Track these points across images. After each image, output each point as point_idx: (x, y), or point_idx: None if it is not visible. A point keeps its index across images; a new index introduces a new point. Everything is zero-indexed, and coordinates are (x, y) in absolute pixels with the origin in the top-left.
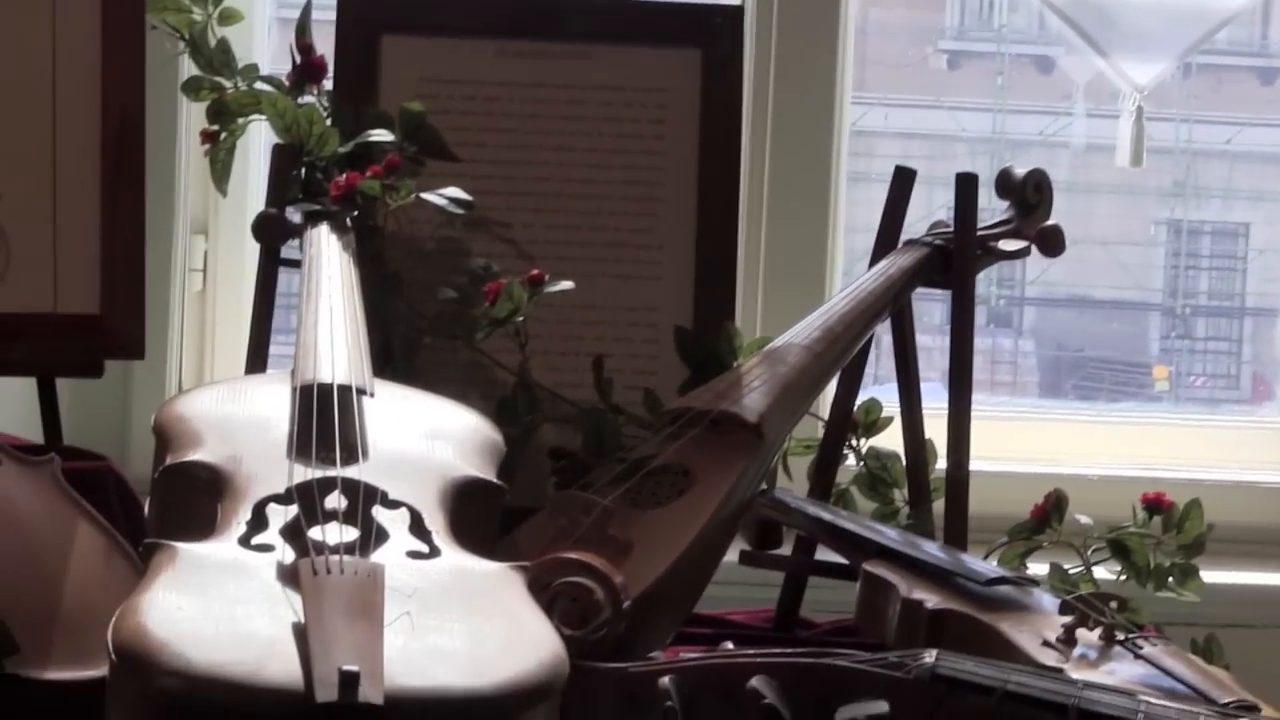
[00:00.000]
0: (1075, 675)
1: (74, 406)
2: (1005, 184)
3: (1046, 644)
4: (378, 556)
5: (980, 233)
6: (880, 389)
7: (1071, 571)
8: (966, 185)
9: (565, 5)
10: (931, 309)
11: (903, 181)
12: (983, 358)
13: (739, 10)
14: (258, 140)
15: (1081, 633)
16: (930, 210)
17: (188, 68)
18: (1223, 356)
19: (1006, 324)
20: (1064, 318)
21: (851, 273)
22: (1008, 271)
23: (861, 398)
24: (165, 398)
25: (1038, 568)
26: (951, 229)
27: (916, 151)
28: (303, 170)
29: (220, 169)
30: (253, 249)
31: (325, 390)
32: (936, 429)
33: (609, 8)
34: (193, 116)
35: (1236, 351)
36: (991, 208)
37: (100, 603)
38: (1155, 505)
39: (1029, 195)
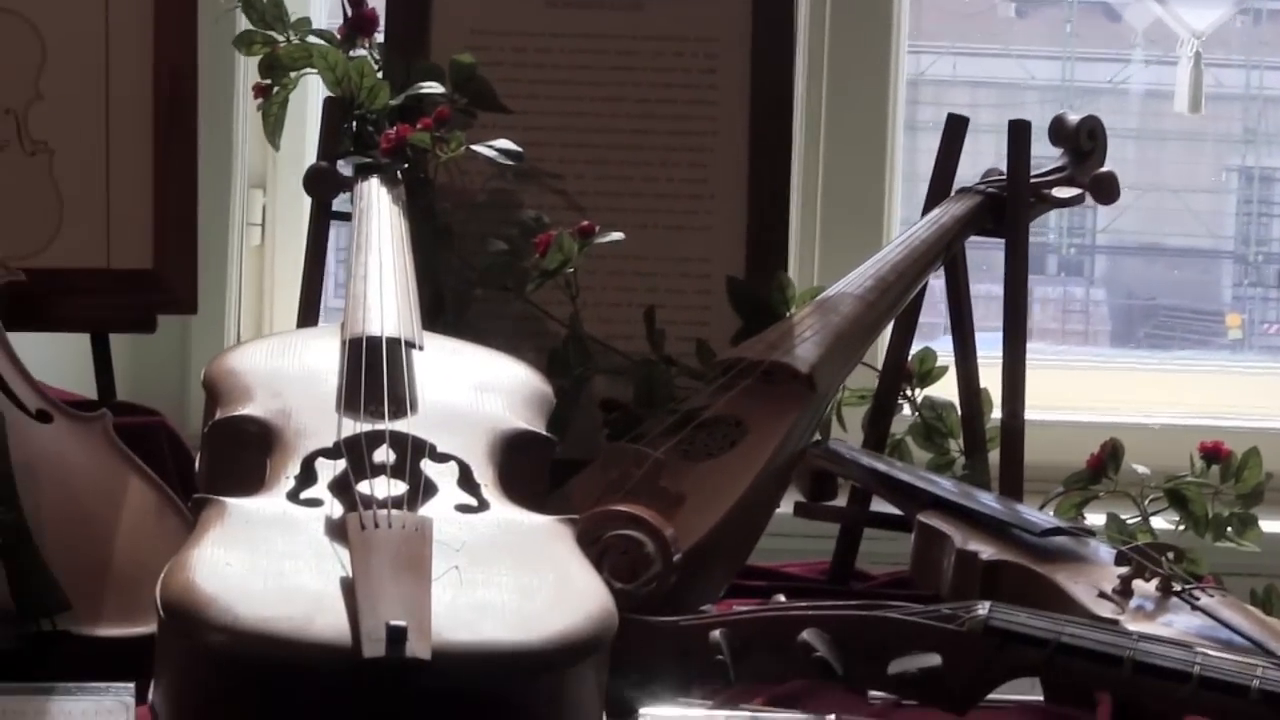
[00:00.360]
0: (1131, 627)
1: (133, 362)
2: (1059, 131)
3: (1102, 595)
4: (426, 510)
5: (1034, 180)
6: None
7: (1129, 522)
8: (1019, 132)
9: None
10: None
11: (955, 129)
12: (1054, 307)
13: None
14: (315, 94)
15: (1138, 584)
16: (999, 159)
17: (242, 22)
18: None
19: (1078, 273)
20: (1135, 266)
21: (914, 221)
22: (1078, 220)
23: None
24: None
25: (1094, 518)
26: (1005, 176)
27: (985, 100)
28: (354, 123)
29: (272, 123)
30: (310, 203)
31: (374, 343)
32: (994, 378)
33: None
34: (250, 71)
35: None
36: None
37: (151, 558)
38: (1213, 454)
39: (1082, 142)
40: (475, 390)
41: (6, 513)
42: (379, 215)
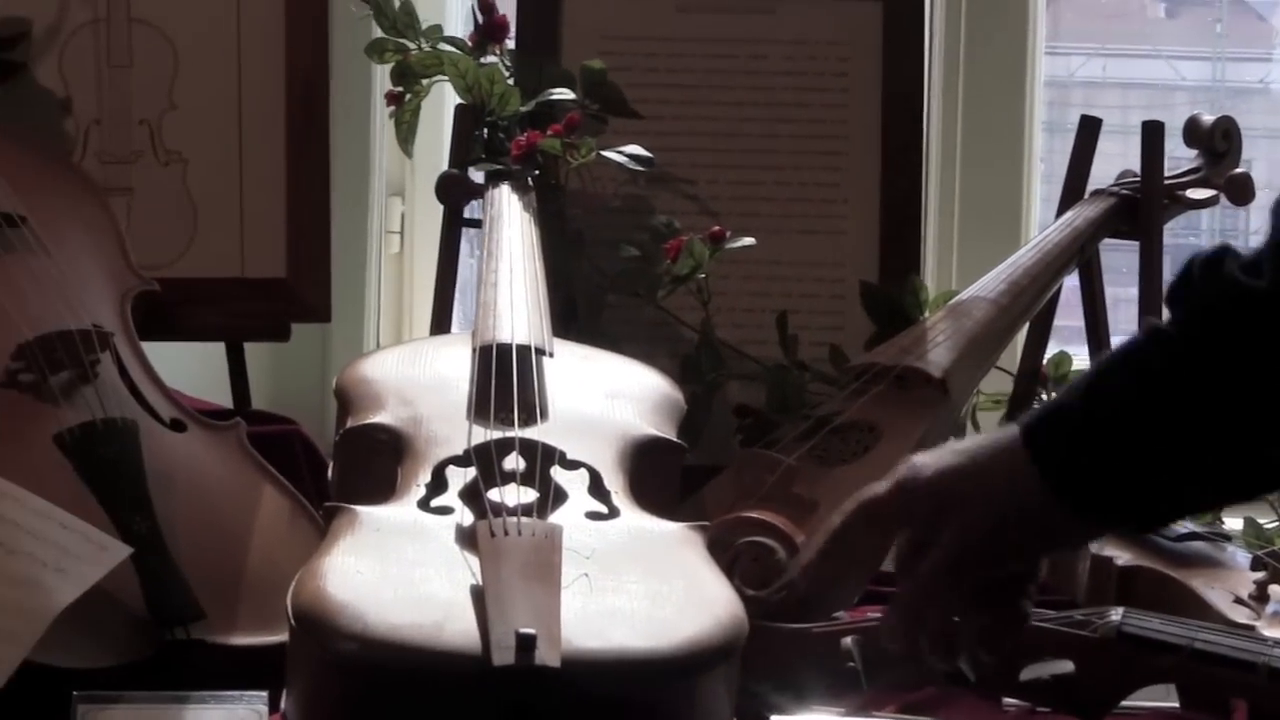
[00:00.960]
0: (1267, 633)
1: (273, 370)
2: (1193, 132)
3: (1238, 601)
4: (556, 517)
5: (1168, 181)
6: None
7: (1266, 526)
8: (1152, 134)
9: None
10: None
11: (1089, 130)
12: None
13: None
14: (450, 101)
15: (1275, 589)
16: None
17: (375, 30)
18: None
19: None
20: None
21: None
22: (1230, 222)
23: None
24: None
25: (1231, 523)
26: (1139, 178)
27: (1135, 101)
28: (485, 130)
29: (405, 130)
30: (443, 210)
31: (505, 351)
32: None
33: None
34: (387, 80)
35: None
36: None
37: (284, 567)
38: None
39: (1217, 143)
40: (606, 397)
41: (141, 522)
42: (510, 222)
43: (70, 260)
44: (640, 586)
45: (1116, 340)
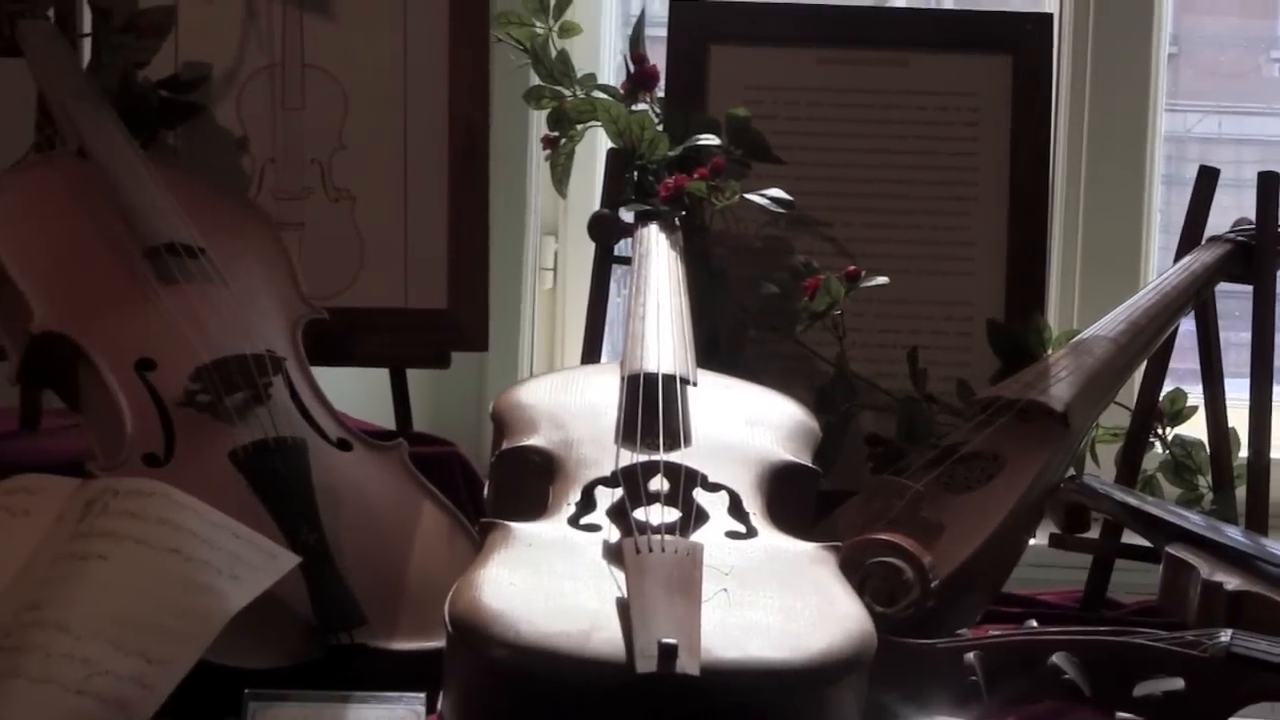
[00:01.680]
0: None
1: (433, 395)
2: None
3: None
4: (697, 536)
5: None
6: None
7: None
8: (1268, 183)
9: (883, 15)
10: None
11: (1206, 180)
12: None
13: (1048, 17)
14: (601, 145)
15: None
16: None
17: (533, 78)
18: None
19: None
20: None
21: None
22: None
23: (1168, 388)
24: None
25: None
26: (1254, 226)
27: (1248, 157)
28: (635, 173)
29: (560, 172)
30: (595, 248)
31: (651, 380)
32: (1240, 419)
33: (925, 16)
34: (543, 125)
35: None
36: None
37: (442, 579)
38: None
39: None
40: (746, 424)
41: (309, 533)
42: (658, 259)
43: (246, 289)
44: (776, 601)
45: (1231, 383)
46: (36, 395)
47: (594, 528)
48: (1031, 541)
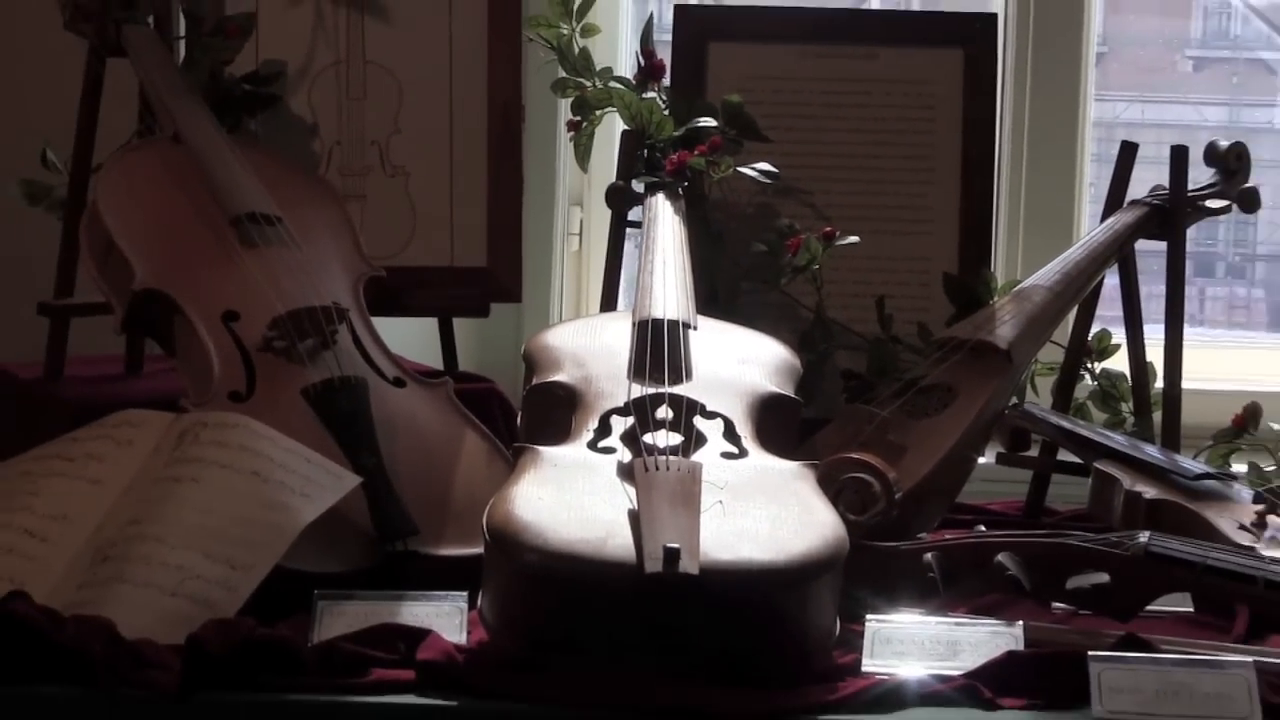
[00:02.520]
0: (1265, 553)
1: (478, 340)
2: (1211, 154)
3: (1242, 528)
4: (697, 457)
5: (1190, 194)
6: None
7: (1266, 469)
8: (1179, 155)
9: (856, 16)
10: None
11: (1127, 153)
12: (1221, 304)
13: (994, 17)
14: (616, 127)
15: (1271, 518)
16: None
17: (559, 70)
18: None
19: (1241, 276)
20: None
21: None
22: (1242, 233)
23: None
24: None
25: (1238, 466)
26: (1167, 191)
27: (1167, 139)
28: (645, 151)
29: (582, 151)
30: (611, 215)
31: (658, 324)
32: (1156, 355)
33: (891, 17)
34: (568, 111)
35: None
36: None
37: (481, 495)
38: None
39: (1231, 162)
40: (738, 362)
41: (369, 458)
42: (664, 223)
43: (316, 252)
44: (763, 511)
45: (1148, 325)
46: (139, 343)
47: (609, 450)
48: (980, 460)
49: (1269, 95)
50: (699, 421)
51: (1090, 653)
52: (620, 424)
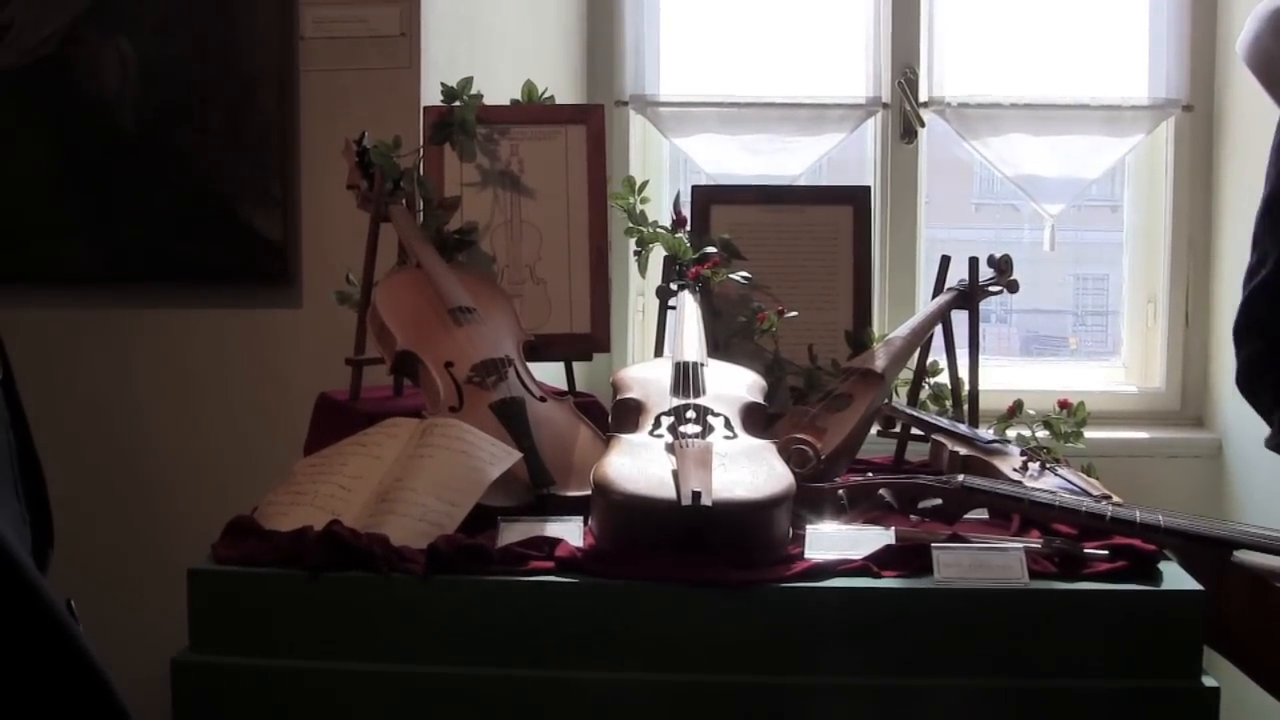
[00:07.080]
0: (1027, 484)
1: (586, 373)
2: (991, 261)
3: (1015, 470)
4: (709, 439)
5: (981, 284)
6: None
7: (1026, 436)
8: (973, 262)
9: (792, 188)
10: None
11: (944, 262)
12: (993, 339)
13: (868, 188)
14: (661, 253)
15: (1030, 465)
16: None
17: (628, 221)
18: (1098, 331)
19: (1003, 322)
20: (1030, 318)
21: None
22: (1006, 299)
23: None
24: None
25: (1011, 433)
26: (968, 283)
27: (965, 251)
28: (677, 267)
29: (642, 266)
30: (658, 304)
31: (686, 364)
32: (964, 373)
33: (812, 188)
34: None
35: (1105, 326)
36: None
37: (589, 462)
38: (1064, 405)
39: (1002, 265)
40: (731, 384)
41: (527, 441)
42: (688, 307)
43: (494, 328)
44: (747, 470)
45: (961, 357)
46: (400, 380)
47: (660, 436)
48: (868, 434)
49: (1019, 225)
50: (710, 419)
51: (932, 544)
52: (666, 421)
